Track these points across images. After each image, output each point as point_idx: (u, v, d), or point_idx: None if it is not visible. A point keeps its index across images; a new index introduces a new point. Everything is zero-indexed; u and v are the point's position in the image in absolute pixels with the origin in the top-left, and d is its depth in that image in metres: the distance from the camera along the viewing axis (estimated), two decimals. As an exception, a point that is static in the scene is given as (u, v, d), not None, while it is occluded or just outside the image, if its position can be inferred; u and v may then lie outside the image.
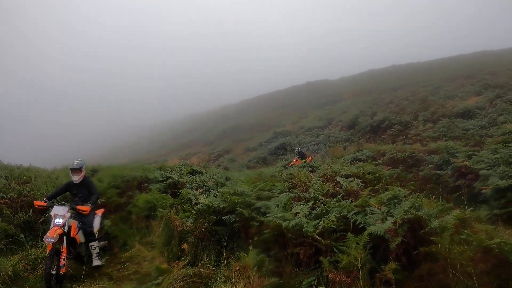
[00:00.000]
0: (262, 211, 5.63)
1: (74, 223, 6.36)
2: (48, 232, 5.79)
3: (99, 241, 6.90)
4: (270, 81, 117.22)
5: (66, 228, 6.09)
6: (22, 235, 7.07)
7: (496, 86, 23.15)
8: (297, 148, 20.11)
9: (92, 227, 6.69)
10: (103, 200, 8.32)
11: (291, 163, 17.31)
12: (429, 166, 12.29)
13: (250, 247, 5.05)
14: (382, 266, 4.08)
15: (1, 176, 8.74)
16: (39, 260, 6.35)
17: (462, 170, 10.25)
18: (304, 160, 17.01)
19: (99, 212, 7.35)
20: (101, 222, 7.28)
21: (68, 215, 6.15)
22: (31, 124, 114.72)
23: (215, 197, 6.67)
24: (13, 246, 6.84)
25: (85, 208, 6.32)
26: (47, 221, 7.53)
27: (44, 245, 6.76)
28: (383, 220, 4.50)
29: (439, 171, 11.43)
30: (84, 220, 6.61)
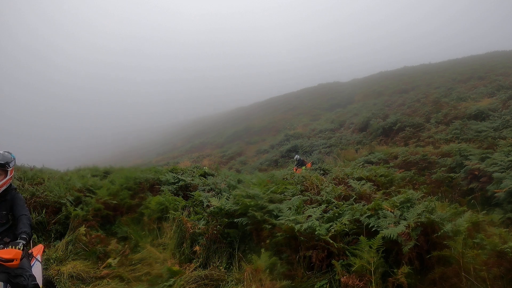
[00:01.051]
0: (275, 214, 5.64)
1: None
2: None
3: None
4: (281, 84, 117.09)
5: None
6: (35, 235, 7.14)
7: (509, 87, 22.89)
8: (295, 156, 20.03)
9: (30, 279, 3.66)
10: (115, 202, 8.33)
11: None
12: (442, 169, 12.19)
13: (262, 250, 5.05)
14: (394, 270, 4.06)
15: (15, 177, 8.84)
16: (52, 260, 6.40)
17: (475, 172, 10.15)
18: (304, 168, 16.72)
19: (37, 251, 4.43)
20: (44, 269, 4.80)
21: None
22: (44, 128, 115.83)
23: (227, 199, 6.69)
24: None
25: (12, 254, 3.39)
26: (60, 222, 7.62)
27: (56, 246, 6.84)
28: (396, 223, 4.48)
29: (452, 174, 11.32)
30: (12, 273, 3.56)
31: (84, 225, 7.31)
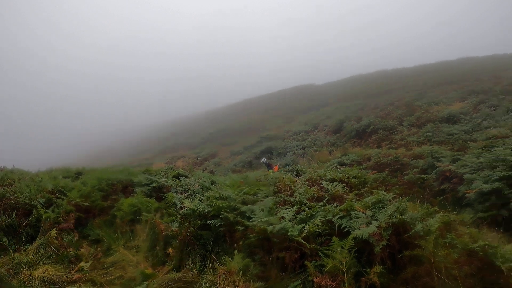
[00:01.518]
0: (247, 215, 5.63)
1: None
2: None
3: None
4: (257, 86, 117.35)
5: None
6: (5, 239, 6.93)
7: (480, 92, 23.48)
8: (262, 159, 20.01)
9: None
10: (87, 204, 8.18)
11: None
12: (414, 170, 12.36)
13: (235, 252, 5.02)
14: (367, 270, 4.09)
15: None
16: (23, 265, 6.24)
17: (447, 174, 10.33)
18: (271, 171, 16.43)
19: None
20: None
21: None
22: (13, 125, 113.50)
23: (200, 201, 6.64)
24: (-5, 250, 6.72)
25: None
26: (31, 225, 7.44)
27: (27, 249, 6.67)
28: (368, 224, 4.52)
29: (423, 175, 11.49)
30: None
31: (55, 228, 7.16)
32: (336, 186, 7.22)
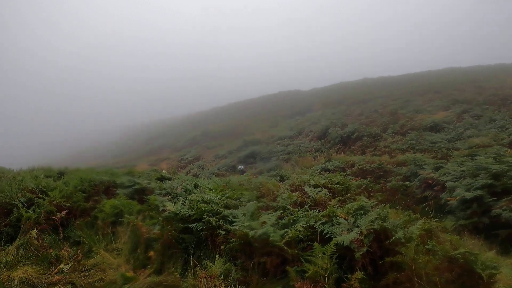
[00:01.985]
0: (229, 219, 5.61)
1: None
2: None
3: None
4: (242, 90, 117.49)
5: None
6: (-15, 240, 6.84)
7: (463, 102, 23.85)
8: (239, 166, 20.04)
9: None
10: (68, 204, 8.08)
11: None
12: (397, 177, 12.47)
13: (217, 256, 5.01)
14: (348, 276, 4.10)
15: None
16: (2, 265, 6.14)
17: (429, 181, 10.45)
18: None
19: None
20: None
21: None
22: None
23: (183, 204, 6.60)
24: (-28, 251, 6.60)
25: None
26: (11, 225, 7.31)
27: (7, 249, 6.57)
28: (349, 230, 4.54)
29: (406, 183, 11.60)
30: None
31: (36, 228, 7.05)
32: (319, 192, 7.24)
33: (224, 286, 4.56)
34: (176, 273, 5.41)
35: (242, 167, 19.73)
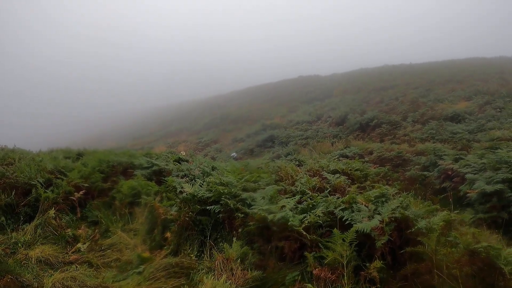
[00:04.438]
0: (248, 202, 5.58)
1: None
2: None
3: None
4: (262, 73, 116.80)
5: None
6: (3, 218, 6.89)
7: (486, 93, 23.30)
8: (232, 154, 19.99)
9: None
10: (86, 185, 8.13)
11: None
12: (416, 166, 12.30)
13: (234, 239, 5.00)
14: (367, 264, 4.04)
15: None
16: (20, 244, 6.20)
17: (449, 172, 10.27)
18: None
19: None
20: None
21: None
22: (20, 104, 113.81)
23: (201, 186, 6.59)
24: (-8, 229, 6.68)
25: None
26: (30, 204, 7.38)
27: (25, 229, 6.63)
28: (370, 217, 4.46)
29: (425, 172, 11.43)
30: None
31: (54, 208, 7.11)
32: (338, 177, 7.17)
33: (241, 270, 4.54)
34: (192, 255, 5.41)
35: (235, 154, 19.70)
